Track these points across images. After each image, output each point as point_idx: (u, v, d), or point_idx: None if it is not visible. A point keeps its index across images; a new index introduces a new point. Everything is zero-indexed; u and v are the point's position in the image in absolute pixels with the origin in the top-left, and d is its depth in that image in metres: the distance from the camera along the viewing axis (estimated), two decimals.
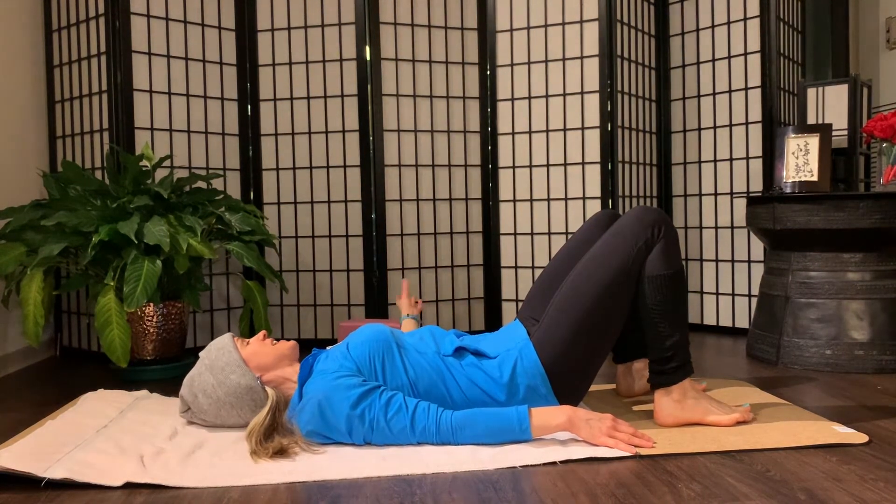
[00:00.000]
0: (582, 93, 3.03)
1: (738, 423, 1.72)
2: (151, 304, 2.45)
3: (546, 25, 3.08)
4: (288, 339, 1.84)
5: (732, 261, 3.10)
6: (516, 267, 3.15)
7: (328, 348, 1.77)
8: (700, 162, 3.19)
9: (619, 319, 1.75)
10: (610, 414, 1.65)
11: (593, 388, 2.14)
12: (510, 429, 1.58)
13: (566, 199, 3.07)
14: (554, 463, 1.50)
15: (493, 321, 3.19)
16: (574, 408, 1.62)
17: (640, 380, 2.02)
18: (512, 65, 3.14)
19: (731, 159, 3.08)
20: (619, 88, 3.02)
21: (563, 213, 3.08)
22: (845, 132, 2.72)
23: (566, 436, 1.64)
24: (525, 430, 1.58)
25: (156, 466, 1.51)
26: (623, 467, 1.48)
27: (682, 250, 3.25)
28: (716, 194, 3.14)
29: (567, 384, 1.72)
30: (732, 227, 3.09)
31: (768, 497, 1.31)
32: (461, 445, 1.59)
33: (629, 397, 2.03)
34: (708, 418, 1.73)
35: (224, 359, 1.72)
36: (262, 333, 1.81)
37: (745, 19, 3.02)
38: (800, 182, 2.48)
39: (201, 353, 1.78)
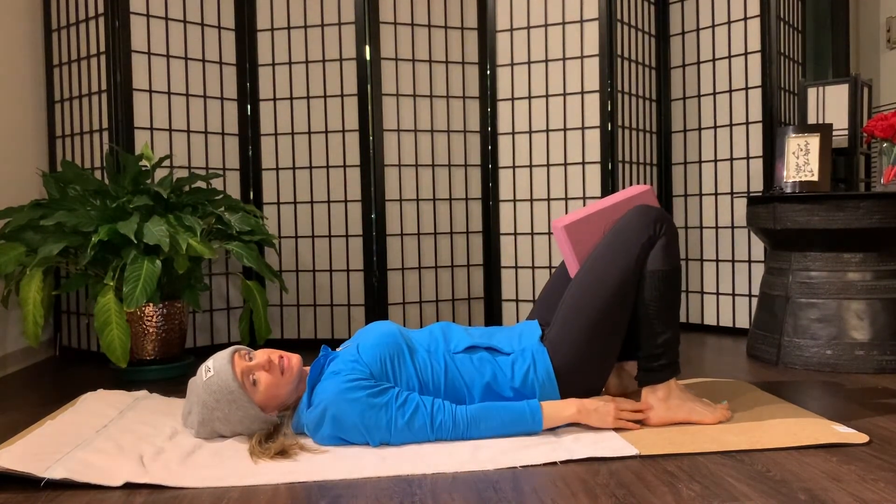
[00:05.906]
0: (582, 92, 3.03)
1: (720, 421, 1.74)
2: (151, 304, 2.45)
3: (546, 25, 3.08)
4: (292, 353, 1.74)
5: (733, 261, 3.09)
6: (516, 267, 3.15)
7: (339, 349, 1.75)
8: (700, 162, 3.18)
9: (627, 318, 1.75)
10: (609, 396, 1.77)
11: None
12: (523, 421, 1.63)
13: (566, 199, 3.07)
14: (554, 463, 1.50)
15: (494, 321, 3.19)
16: (580, 399, 1.69)
17: (629, 379, 2.02)
18: (512, 64, 3.13)
19: (731, 159, 3.08)
20: (620, 88, 3.02)
21: (564, 213, 3.07)
22: (846, 132, 2.72)
23: (566, 436, 1.64)
24: (538, 423, 1.64)
25: (156, 466, 1.51)
26: (623, 467, 1.48)
27: (682, 250, 3.26)
28: (716, 194, 3.14)
29: (577, 389, 1.72)
30: (733, 227, 3.09)
31: (768, 497, 1.31)
32: (475, 440, 1.62)
33: (618, 396, 2.03)
34: (692, 417, 1.73)
35: (240, 413, 1.63)
36: (266, 360, 1.65)
37: (745, 19, 3.01)
38: (800, 182, 2.48)
39: (204, 394, 1.63)
